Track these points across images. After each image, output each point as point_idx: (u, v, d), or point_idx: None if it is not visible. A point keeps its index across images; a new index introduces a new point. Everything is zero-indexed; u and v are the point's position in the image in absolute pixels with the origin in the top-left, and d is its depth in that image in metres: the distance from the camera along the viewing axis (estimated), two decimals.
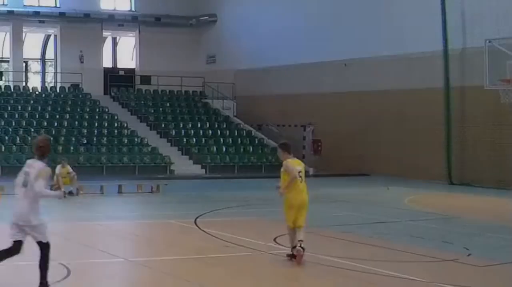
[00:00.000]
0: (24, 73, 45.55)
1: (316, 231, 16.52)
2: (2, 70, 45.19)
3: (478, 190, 28.02)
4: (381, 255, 13.57)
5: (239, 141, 39.63)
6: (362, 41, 35.32)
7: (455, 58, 31.19)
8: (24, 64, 45.50)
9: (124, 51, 48.70)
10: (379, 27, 34.54)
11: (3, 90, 40.88)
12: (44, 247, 9.84)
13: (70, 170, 24.63)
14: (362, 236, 15.91)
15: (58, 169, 24.64)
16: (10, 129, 35.87)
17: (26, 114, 37.97)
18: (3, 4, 42.12)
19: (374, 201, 23.01)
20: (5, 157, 33.15)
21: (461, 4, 30.79)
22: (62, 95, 41.65)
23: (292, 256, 12.48)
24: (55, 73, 44.93)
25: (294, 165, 12.67)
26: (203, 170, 35.96)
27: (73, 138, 36.17)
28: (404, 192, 26.78)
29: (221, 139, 39.42)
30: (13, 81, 42.38)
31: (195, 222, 17.39)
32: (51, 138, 10.99)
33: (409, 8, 33.08)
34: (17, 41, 43.31)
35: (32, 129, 36.28)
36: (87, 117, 39.01)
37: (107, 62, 46.58)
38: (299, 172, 12.61)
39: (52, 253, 13.40)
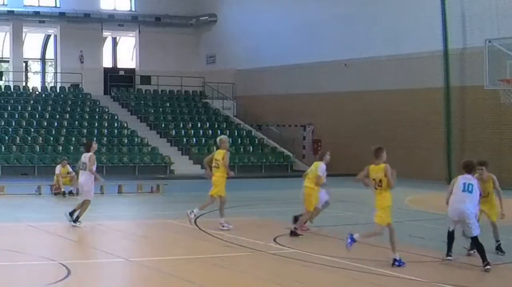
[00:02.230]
0: (24, 73, 45.56)
1: (316, 231, 16.53)
2: (2, 70, 45.20)
3: None
4: (381, 255, 13.57)
5: (239, 141, 39.62)
6: (362, 41, 35.32)
7: (455, 58, 31.17)
8: (24, 64, 45.51)
9: (124, 51, 48.70)
10: (379, 27, 34.53)
11: (3, 90, 40.88)
12: (474, 239, 12.52)
13: (70, 169, 24.64)
14: None
15: (58, 169, 24.66)
16: (10, 129, 35.86)
17: (26, 114, 37.97)
18: (3, 4, 42.12)
19: (374, 201, 22.95)
20: (5, 157, 33.16)
21: (461, 4, 30.78)
22: (62, 95, 41.65)
23: None
24: (55, 73, 44.93)
25: None
26: (203, 170, 35.87)
27: (73, 138, 36.16)
28: (404, 192, 26.74)
29: None
30: (13, 81, 42.38)
31: (195, 222, 17.38)
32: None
33: (409, 8, 33.07)
34: (17, 41, 43.32)
35: (32, 129, 36.30)
36: (87, 117, 39.01)
37: (107, 62, 46.59)
38: None
39: (52, 253, 13.43)
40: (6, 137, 34.96)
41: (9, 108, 38.29)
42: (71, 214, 16.68)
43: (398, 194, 26.31)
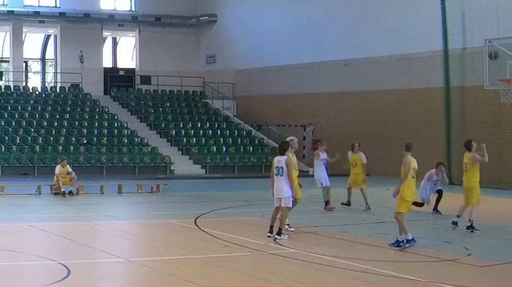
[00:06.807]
0: (24, 73, 45.56)
1: (316, 231, 16.54)
2: (2, 70, 45.20)
3: None
4: (381, 255, 13.57)
5: (239, 141, 39.63)
6: (362, 41, 35.33)
7: (455, 58, 31.18)
8: (24, 64, 45.50)
9: (124, 51, 48.70)
10: (379, 27, 34.54)
11: (3, 90, 40.89)
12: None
13: (70, 169, 24.63)
14: (362, 236, 15.91)
15: (58, 169, 24.64)
16: (10, 129, 35.87)
17: (26, 114, 37.98)
18: (3, 4, 42.12)
19: (374, 201, 22.98)
20: (5, 157, 33.16)
21: (461, 4, 30.79)
22: (62, 95, 41.66)
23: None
24: (55, 73, 44.93)
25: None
26: (203, 170, 35.97)
27: (73, 138, 36.18)
28: None
29: (221, 139, 39.42)
30: (13, 81, 42.39)
31: (195, 222, 17.40)
32: None
33: (409, 8, 33.08)
34: (17, 41, 43.32)
35: (32, 129, 36.31)
36: (87, 117, 39.02)
37: (107, 62, 46.59)
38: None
39: (52, 253, 13.44)
40: (6, 137, 34.97)
41: (9, 108, 38.30)
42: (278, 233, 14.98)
43: None
